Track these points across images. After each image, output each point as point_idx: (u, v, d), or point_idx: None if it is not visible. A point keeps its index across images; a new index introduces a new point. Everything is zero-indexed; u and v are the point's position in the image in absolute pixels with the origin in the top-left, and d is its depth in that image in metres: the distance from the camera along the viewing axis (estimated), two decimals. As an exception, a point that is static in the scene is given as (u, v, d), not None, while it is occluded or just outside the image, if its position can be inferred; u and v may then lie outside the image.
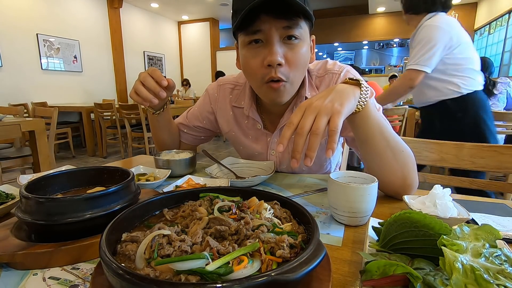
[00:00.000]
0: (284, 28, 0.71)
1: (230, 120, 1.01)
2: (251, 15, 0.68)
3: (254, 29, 0.71)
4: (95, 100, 5.46)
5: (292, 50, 0.73)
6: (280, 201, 0.51)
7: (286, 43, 0.73)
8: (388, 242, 0.41)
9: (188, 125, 1.08)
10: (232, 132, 1.02)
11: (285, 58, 0.73)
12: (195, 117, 1.08)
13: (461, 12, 7.48)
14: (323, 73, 0.90)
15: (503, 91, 2.81)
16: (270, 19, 0.70)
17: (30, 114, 3.75)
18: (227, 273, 0.32)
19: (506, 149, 0.97)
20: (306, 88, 0.87)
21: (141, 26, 7.94)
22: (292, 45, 0.73)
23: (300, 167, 0.97)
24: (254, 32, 0.72)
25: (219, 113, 1.03)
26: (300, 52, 0.74)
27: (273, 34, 0.71)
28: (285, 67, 0.74)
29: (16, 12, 4.98)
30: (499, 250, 0.34)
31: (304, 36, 0.75)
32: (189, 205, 0.49)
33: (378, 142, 0.65)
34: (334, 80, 0.87)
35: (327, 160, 0.96)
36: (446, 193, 0.57)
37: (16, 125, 2.13)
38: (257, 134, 0.98)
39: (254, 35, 0.73)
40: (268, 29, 0.71)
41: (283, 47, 0.73)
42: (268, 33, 0.71)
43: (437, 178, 1.12)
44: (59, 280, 0.41)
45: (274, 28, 0.70)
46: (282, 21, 0.70)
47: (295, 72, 0.76)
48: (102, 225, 0.40)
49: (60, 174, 0.61)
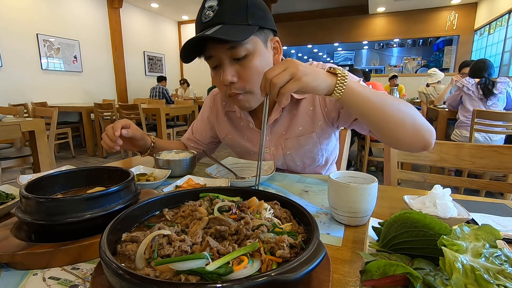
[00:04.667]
0: (229, 49, 0.78)
1: (226, 125, 1.08)
2: (199, 43, 0.78)
3: (206, 55, 0.81)
4: (95, 100, 5.46)
5: (243, 66, 0.81)
6: (280, 201, 0.51)
7: (237, 62, 0.80)
8: (388, 242, 0.41)
9: (195, 140, 1.16)
10: (228, 136, 1.08)
11: (238, 75, 0.81)
12: (198, 131, 1.16)
13: (461, 12, 7.48)
14: None
15: (503, 90, 2.81)
16: (215, 45, 0.78)
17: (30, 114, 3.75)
18: (227, 273, 0.32)
19: (506, 149, 0.98)
20: None
21: (141, 26, 7.93)
22: (243, 62, 0.80)
23: (295, 164, 1.01)
24: (208, 58, 0.82)
25: (216, 121, 1.11)
26: (252, 66, 0.80)
27: (221, 57, 0.80)
28: (239, 83, 0.82)
29: (16, 12, 4.98)
30: (499, 250, 0.34)
31: (254, 48, 0.80)
32: (189, 205, 0.49)
33: (374, 112, 0.69)
34: None
35: (318, 152, 0.99)
36: (446, 193, 0.57)
37: (16, 125, 2.13)
38: (251, 133, 1.02)
39: (209, 60, 0.83)
40: (216, 54, 0.80)
41: (234, 66, 0.81)
42: (217, 57, 0.80)
43: (437, 178, 1.12)
44: (59, 280, 0.41)
45: (220, 52, 0.79)
46: (225, 45, 0.77)
47: (250, 84, 0.83)
48: (102, 225, 0.40)
49: (60, 174, 0.61)
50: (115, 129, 0.86)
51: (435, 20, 7.79)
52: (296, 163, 1.01)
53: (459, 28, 7.58)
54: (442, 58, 9.84)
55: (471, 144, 1.03)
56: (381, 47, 13.40)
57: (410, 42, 12.58)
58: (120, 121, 0.89)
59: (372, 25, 8.58)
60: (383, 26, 8.47)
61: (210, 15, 0.76)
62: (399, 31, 8.32)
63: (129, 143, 0.96)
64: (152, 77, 8.00)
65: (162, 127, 4.40)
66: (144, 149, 1.02)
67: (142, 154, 1.05)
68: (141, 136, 0.96)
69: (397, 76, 5.84)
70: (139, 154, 1.06)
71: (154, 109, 4.43)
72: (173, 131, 4.85)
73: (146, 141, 1.00)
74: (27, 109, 4.40)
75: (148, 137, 1.01)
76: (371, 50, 13.87)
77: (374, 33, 8.63)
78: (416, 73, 9.40)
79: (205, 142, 1.15)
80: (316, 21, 8.80)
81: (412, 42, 12.49)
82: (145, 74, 8.14)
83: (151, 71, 8.28)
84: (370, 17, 8.51)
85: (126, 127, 0.89)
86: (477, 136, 2.77)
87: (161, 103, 5.33)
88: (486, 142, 2.77)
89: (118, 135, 0.86)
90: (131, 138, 0.94)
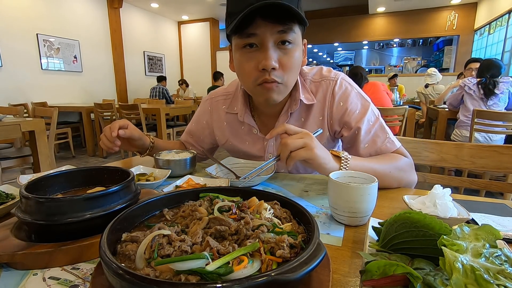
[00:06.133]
0: (279, 32, 0.72)
1: (226, 131, 1.03)
2: (247, 19, 0.69)
3: (249, 32, 0.72)
4: (95, 100, 5.46)
5: (286, 54, 0.75)
6: (280, 201, 0.51)
7: (280, 47, 0.75)
8: (388, 242, 0.41)
9: (192, 143, 1.13)
10: (229, 142, 1.03)
11: (279, 62, 0.75)
12: (196, 135, 1.12)
13: (461, 12, 7.48)
14: (318, 79, 0.91)
15: (504, 91, 2.80)
16: (266, 23, 0.70)
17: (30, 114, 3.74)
18: (227, 273, 0.32)
19: (506, 149, 0.97)
20: (299, 91, 0.88)
21: (141, 26, 7.93)
22: (286, 50, 0.75)
23: (296, 169, 0.99)
24: (248, 36, 0.73)
25: (215, 125, 1.06)
26: (294, 56, 0.76)
27: (267, 38, 0.72)
28: (279, 70, 0.76)
29: (16, 12, 4.98)
30: (499, 250, 0.34)
31: (297, 41, 0.76)
32: (189, 205, 0.49)
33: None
34: (332, 87, 0.89)
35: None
36: (446, 193, 0.57)
37: (16, 125, 2.13)
38: (254, 139, 0.98)
39: (248, 38, 0.73)
40: (263, 33, 0.72)
41: (277, 51, 0.74)
42: (262, 37, 0.72)
43: (437, 178, 1.11)
44: (59, 280, 0.41)
45: (269, 33, 0.72)
46: (277, 26, 0.71)
47: (288, 75, 0.78)
48: (102, 225, 0.40)
49: (60, 174, 0.61)
50: (112, 130, 0.86)
51: (435, 20, 7.79)
52: (298, 170, 1.00)
53: (459, 28, 7.58)
54: (442, 58, 9.83)
55: (471, 144, 1.03)
56: (381, 47, 13.39)
57: (410, 42, 12.58)
58: (117, 122, 0.89)
59: (372, 25, 8.58)
60: (383, 26, 8.47)
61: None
62: (399, 31, 8.32)
63: (127, 143, 0.96)
64: (152, 77, 8.00)
65: (162, 127, 4.40)
66: (143, 149, 1.01)
67: (141, 154, 1.04)
68: (139, 136, 0.95)
69: (397, 75, 5.84)
70: (138, 154, 1.05)
71: (154, 109, 4.43)
72: (173, 131, 4.85)
73: (144, 141, 0.99)
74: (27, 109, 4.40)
75: (147, 137, 1.01)
76: (371, 50, 13.87)
77: (374, 33, 8.63)
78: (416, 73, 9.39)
79: (203, 146, 1.12)
80: (316, 21, 8.79)
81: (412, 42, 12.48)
82: (145, 74, 8.15)
83: (151, 71, 8.28)
84: (370, 17, 8.51)
85: (124, 128, 0.89)
86: (477, 136, 2.77)
87: (161, 103, 5.34)
88: (486, 142, 2.77)
89: (116, 135, 0.86)
90: (129, 139, 0.93)
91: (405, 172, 0.82)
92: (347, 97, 0.87)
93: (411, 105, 4.49)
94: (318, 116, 0.90)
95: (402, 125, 3.23)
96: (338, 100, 0.87)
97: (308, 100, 0.88)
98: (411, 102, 5.44)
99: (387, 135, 0.85)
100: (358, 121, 0.85)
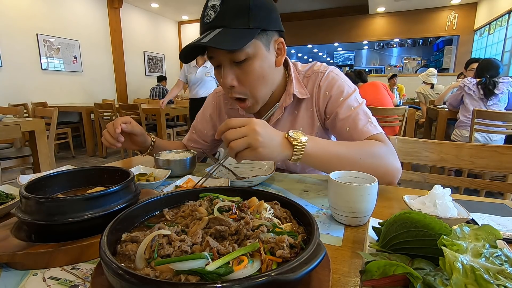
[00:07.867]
0: (228, 53, 0.76)
1: None
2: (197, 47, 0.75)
3: (208, 55, 0.80)
4: (95, 100, 5.46)
5: (243, 70, 0.79)
6: (280, 201, 0.51)
7: (236, 65, 0.78)
8: (388, 242, 0.41)
9: (196, 139, 1.15)
10: None
11: (238, 79, 0.80)
12: (200, 129, 1.14)
13: (461, 12, 7.48)
14: (310, 74, 0.95)
15: (504, 91, 2.80)
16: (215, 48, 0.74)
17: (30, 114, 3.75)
18: (227, 273, 0.32)
19: (506, 149, 0.97)
20: (293, 86, 0.91)
21: (141, 26, 7.93)
22: (242, 66, 0.78)
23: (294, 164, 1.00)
24: (210, 58, 0.81)
25: (218, 120, 1.11)
26: (252, 70, 0.79)
27: (221, 59, 0.78)
28: (239, 87, 0.81)
29: (16, 12, 4.98)
30: (499, 250, 0.34)
31: (255, 52, 0.77)
32: (189, 205, 0.49)
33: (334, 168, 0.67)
34: (319, 78, 0.92)
35: None
36: (446, 193, 0.57)
37: (16, 125, 2.13)
38: None
39: (211, 60, 0.81)
40: (217, 56, 0.79)
41: (234, 69, 0.79)
42: (217, 59, 0.79)
43: (437, 178, 1.11)
44: (59, 280, 0.41)
45: (220, 54, 0.77)
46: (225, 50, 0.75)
47: (252, 89, 0.82)
48: (102, 225, 0.40)
49: (60, 174, 0.61)
50: (115, 126, 0.86)
51: (435, 20, 7.79)
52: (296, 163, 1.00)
53: (459, 28, 7.58)
54: (442, 58, 9.83)
55: (471, 144, 1.03)
56: (381, 47, 13.39)
57: (410, 42, 12.58)
58: (120, 118, 0.89)
59: (372, 25, 8.58)
60: (383, 26, 8.47)
61: (212, 15, 0.74)
62: (399, 31, 8.32)
63: (129, 140, 0.96)
64: (152, 77, 7.99)
65: (162, 127, 4.40)
66: (144, 147, 1.02)
67: (142, 153, 1.04)
68: (141, 132, 0.96)
69: (397, 75, 5.84)
70: (139, 153, 1.06)
71: (154, 109, 4.43)
72: (173, 131, 4.84)
73: (146, 138, 0.99)
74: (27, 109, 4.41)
75: (148, 135, 1.01)
76: (371, 50, 13.86)
77: (374, 33, 8.63)
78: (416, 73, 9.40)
79: (207, 140, 1.14)
80: (316, 21, 8.79)
81: (412, 42, 12.48)
82: (145, 74, 8.14)
83: (151, 71, 8.28)
84: (370, 17, 8.51)
85: (126, 123, 0.89)
86: (477, 136, 2.77)
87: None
88: (486, 142, 2.77)
89: (119, 131, 0.86)
90: (131, 135, 0.94)
91: (381, 159, 0.76)
92: (332, 86, 0.90)
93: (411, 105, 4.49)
94: (309, 108, 0.94)
95: (402, 125, 3.23)
96: (324, 90, 0.91)
97: (302, 94, 0.92)
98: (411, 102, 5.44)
99: (370, 119, 0.85)
100: (338, 106, 0.87)
